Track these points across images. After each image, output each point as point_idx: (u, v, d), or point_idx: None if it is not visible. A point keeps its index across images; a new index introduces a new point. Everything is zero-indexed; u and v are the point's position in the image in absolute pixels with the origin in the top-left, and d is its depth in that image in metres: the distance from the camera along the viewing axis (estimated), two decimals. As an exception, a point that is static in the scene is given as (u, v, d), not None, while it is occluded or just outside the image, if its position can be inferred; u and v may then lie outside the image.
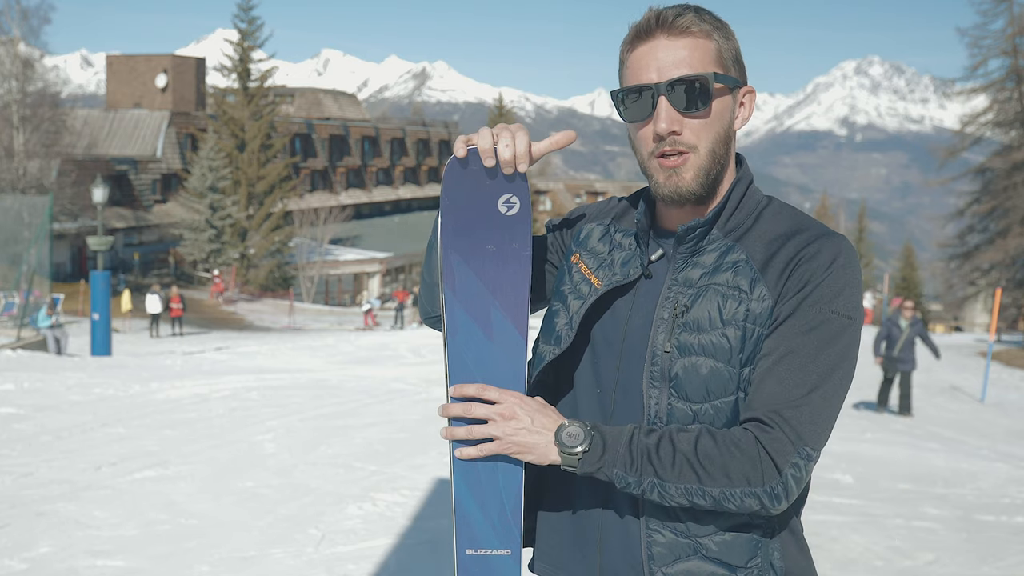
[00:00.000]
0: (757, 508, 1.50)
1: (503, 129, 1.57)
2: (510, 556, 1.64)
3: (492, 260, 1.62)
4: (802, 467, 1.50)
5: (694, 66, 1.56)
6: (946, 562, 5.49)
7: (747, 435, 1.50)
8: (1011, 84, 39.72)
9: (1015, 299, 37.87)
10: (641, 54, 1.58)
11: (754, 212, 1.64)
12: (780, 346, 1.52)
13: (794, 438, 1.49)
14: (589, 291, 1.69)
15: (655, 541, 1.59)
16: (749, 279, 1.56)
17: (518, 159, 1.55)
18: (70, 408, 9.81)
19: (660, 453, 1.51)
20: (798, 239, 1.57)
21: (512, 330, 1.63)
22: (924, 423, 12.41)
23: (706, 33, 1.58)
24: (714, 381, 1.55)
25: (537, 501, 1.76)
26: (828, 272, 1.53)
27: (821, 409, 1.51)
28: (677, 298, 1.59)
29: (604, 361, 1.67)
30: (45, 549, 5.02)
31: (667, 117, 1.56)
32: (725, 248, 1.60)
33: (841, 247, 1.55)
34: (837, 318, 1.52)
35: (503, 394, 1.59)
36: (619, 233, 1.74)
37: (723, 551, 1.57)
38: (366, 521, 5.70)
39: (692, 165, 1.57)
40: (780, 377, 1.51)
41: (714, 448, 1.50)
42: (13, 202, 24.38)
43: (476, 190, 1.59)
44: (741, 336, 1.54)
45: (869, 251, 72.90)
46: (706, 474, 1.49)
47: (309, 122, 60.98)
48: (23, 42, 40.92)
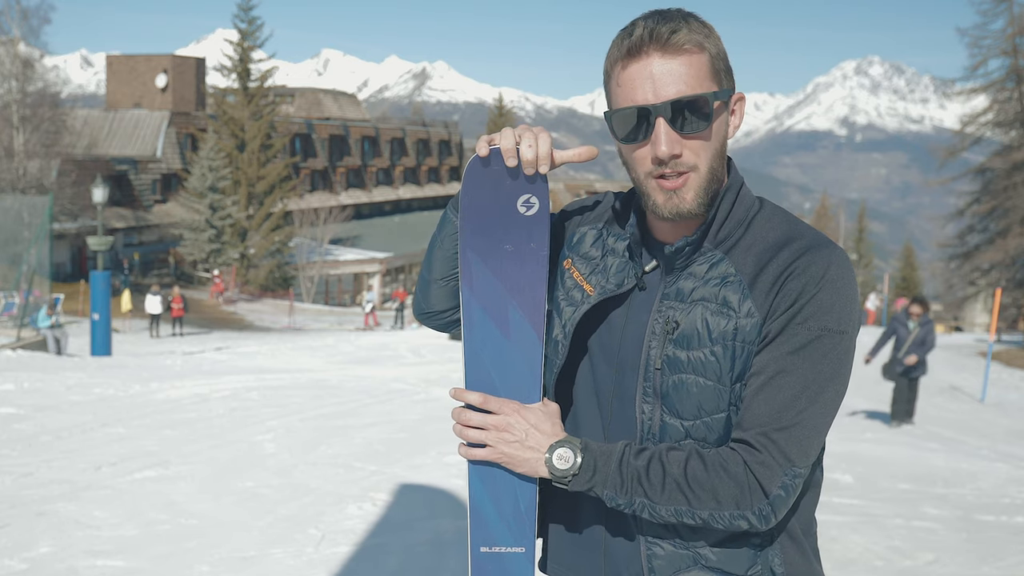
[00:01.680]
0: (746, 528, 1.51)
1: (526, 130, 1.57)
2: (524, 554, 1.66)
3: (510, 260, 1.63)
4: (790, 487, 1.51)
5: (691, 84, 1.52)
6: (946, 562, 5.49)
7: (735, 458, 1.50)
8: (1011, 84, 39.67)
9: (1015, 299, 37.84)
10: (633, 72, 1.53)
11: (745, 220, 1.61)
12: (770, 365, 1.51)
13: (782, 460, 1.49)
14: (582, 298, 1.68)
15: (655, 554, 1.59)
16: (738, 294, 1.54)
17: (540, 160, 1.55)
18: (70, 408, 9.81)
19: (650, 475, 1.52)
20: (788, 251, 1.54)
21: (529, 330, 1.63)
22: (924, 423, 12.41)
23: (699, 46, 1.53)
24: (705, 398, 1.54)
25: (549, 499, 1.77)
26: (819, 287, 1.50)
27: (810, 429, 1.51)
28: (668, 313, 1.58)
29: (601, 370, 1.67)
30: (45, 549, 5.02)
31: (668, 140, 1.52)
32: (715, 260, 1.58)
33: (832, 259, 1.52)
34: (828, 335, 1.50)
35: (503, 405, 1.60)
36: (612, 237, 1.72)
37: (723, 560, 1.57)
38: (366, 521, 5.70)
39: (693, 185, 1.55)
40: (769, 398, 1.50)
41: (703, 472, 1.50)
42: (13, 202, 24.38)
43: (496, 190, 1.60)
44: (731, 355, 1.52)
45: (869, 251, 72.87)
46: (695, 497, 1.50)
47: (309, 122, 60.97)
48: (23, 42, 40.90)
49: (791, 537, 1.61)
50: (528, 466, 1.58)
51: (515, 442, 1.58)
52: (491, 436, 1.59)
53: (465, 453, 1.62)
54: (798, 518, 1.62)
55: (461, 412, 1.62)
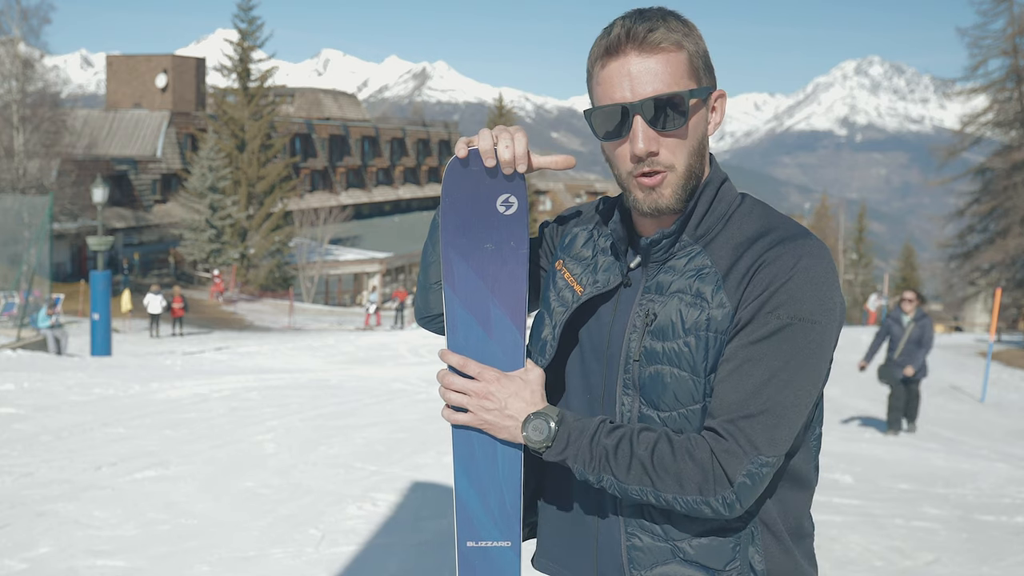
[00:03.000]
0: (710, 514, 1.52)
1: (502, 131, 1.60)
2: (510, 547, 1.68)
3: (491, 258, 1.66)
4: (756, 475, 1.51)
5: (668, 83, 1.54)
6: (946, 562, 5.49)
7: (702, 444, 1.52)
8: (1011, 84, 39.68)
9: (1015, 299, 37.83)
10: (612, 71, 1.56)
11: (725, 215, 1.62)
12: (738, 353, 1.52)
13: (748, 448, 1.50)
14: (572, 298, 1.71)
15: (634, 545, 1.61)
16: (712, 286, 1.55)
17: (517, 160, 1.59)
18: (70, 408, 9.81)
19: (618, 455, 1.54)
20: (762, 243, 1.55)
21: (511, 327, 1.66)
22: (924, 423, 12.41)
23: (677, 44, 1.55)
24: (680, 389, 1.56)
25: (539, 495, 1.79)
26: (789, 276, 1.50)
27: (778, 417, 1.51)
28: (648, 306, 1.60)
29: (592, 366, 1.69)
30: (45, 549, 5.02)
31: (644, 137, 1.54)
32: (693, 254, 1.60)
33: (804, 249, 1.52)
34: (799, 323, 1.50)
35: (483, 371, 1.64)
36: (602, 238, 1.75)
37: (701, 554, 1.58)
38: (366, 521, 5.70)
39: (670, 183, 1.58)
40: (736, 385, 1.51)
41: (670, 455, 1.52)
42: (13, 202, 24.38)
43: (476, 190, 1.63)
44: (704, 345, 1.54)
45: (869, 251, 72.77)
46: (659, 480, 1.52)
47: (309, 122, 61.00)
48: (23, 42, 40.90)
49: (773, 534, 1.60)
50: (507, 432, 1.63)
51: (495, 410, 1.62)
52: (472, 402, 1.64)
53: (448, 416, 1.67)
54: (783, 516, 1.61)
55: (446, 375, 1.66)
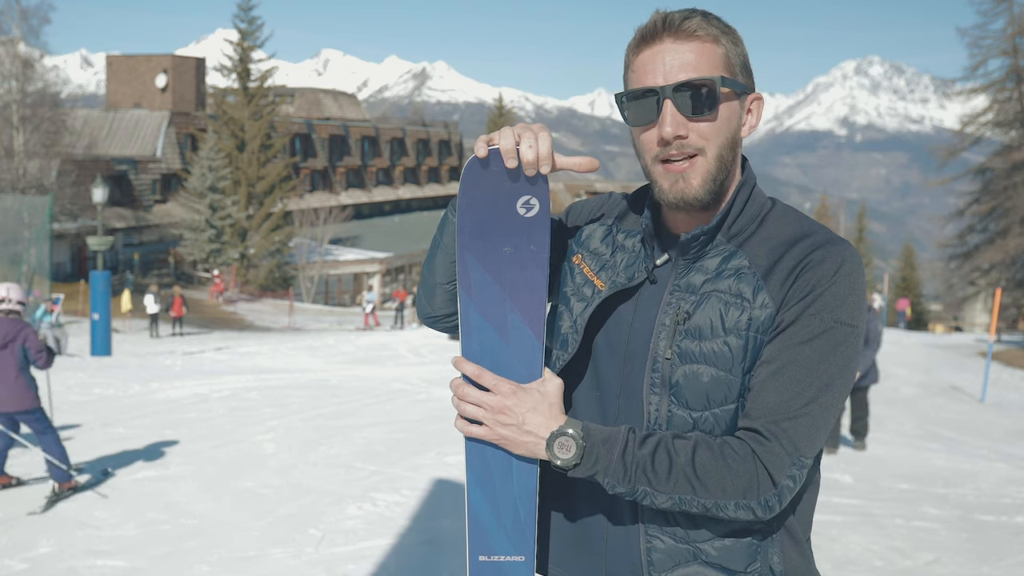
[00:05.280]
0: (750, 518, 1.51)
1: (525, 129, 1.54)
2: (524, 562, 1.62)
3: (510, 262, 1.58)
4: (797, 477, 1.50)
5: (700, 70, 1.52)
6: (946, 562, 5.49)
7: (744, 447, 1.49)
8: (1011, 84, 39.66)
9: (1015, 299, 37.81)
10: (647, 58, 1.55)
11: (758, 216, 1.61)
12: (782, 355, 1.50)
13: (791, 450, 1.49)
14: (592, 293, 1.67)
15: (654, 547, 1.58)
16: (752, 286, 1.54)
17: (541, 161, 1.51)
18: (70, 408, 9.80)
19: (655, 465, 1.50)
20: (803, 245, 1.54)
21: (529, 334, 1.59)
22: (924, 423, 12.40)
23: (713, 38, 1.55)
24: (715, 389, 1.54)
25: (544, 501, 1.75)
26: (833, 280, 1.50)
27: (819, 420, 1.50)
28: (679, 304, 1.57)
29: (606, 365, 1.65)
30: (45, 549, 5.02)
31: (673, 121, 1.52)
32: (728, 253, 1.58)
33: (846, 254, 1.53)
34: (840, 327, 1.50)
35: (499, 383, 1.57)
36: (621, 234, 1.71)
37: (722, 556, 1.57)
38: (366, 521, 5.70)
39: (700, 169, 1.54)
40: (780, 387, 1.50)
41: (712, 461, 1.49)
42: (13, 202, 24.40)
43: (495, 191, 1.55)
44: (744, 345, 1.52)
45: (869, 251, 72.78)
46: (702, 487, 1.49)
47: (309, 122, 60.98)
48: (23, 42, 40.88)
49: (791, 536, 1.60)
50: (525, 448, 1.56)
51: (512, 425, 1.56)
52: (487, 416, 1.57)
53: (462, 428, 1.59)
54: (798, 517, 1.62)
55: (460, 385, 1.59)
